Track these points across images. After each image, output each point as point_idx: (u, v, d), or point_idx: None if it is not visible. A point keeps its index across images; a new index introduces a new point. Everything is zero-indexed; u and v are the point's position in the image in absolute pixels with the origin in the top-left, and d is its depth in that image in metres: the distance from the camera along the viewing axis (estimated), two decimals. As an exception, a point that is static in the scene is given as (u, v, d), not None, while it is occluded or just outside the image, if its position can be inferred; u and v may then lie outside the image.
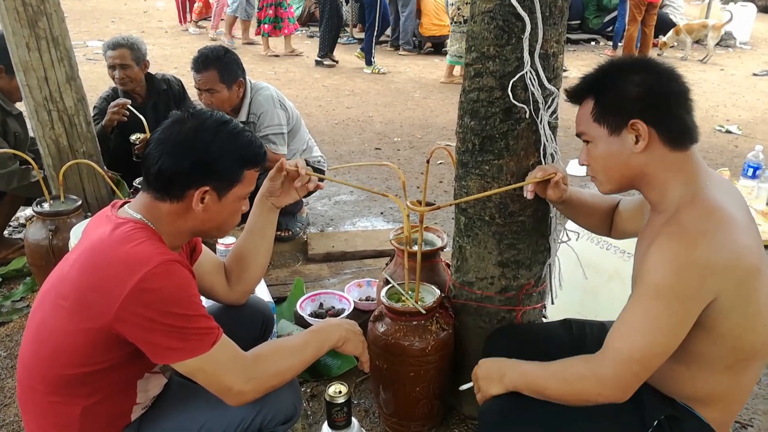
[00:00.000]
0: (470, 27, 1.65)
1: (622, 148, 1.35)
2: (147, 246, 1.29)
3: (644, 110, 1.31)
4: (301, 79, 7.46)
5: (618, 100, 1.34)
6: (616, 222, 1.69)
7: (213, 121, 1.40)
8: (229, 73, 2.91)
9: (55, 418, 1.36)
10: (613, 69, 1.39)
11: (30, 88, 2.63)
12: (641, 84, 1.32)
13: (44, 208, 2.56)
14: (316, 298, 2.49)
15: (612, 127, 1.35)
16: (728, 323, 1.25)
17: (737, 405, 1.40)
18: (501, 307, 1.83)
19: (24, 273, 2.87)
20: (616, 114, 1.34)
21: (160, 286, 1.24)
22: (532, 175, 1.61)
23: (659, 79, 1.33)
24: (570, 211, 1.71)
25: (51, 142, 2.73)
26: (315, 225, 3.64)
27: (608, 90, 1.36)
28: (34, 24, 2.54)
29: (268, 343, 1.53)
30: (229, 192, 1.41)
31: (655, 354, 1.26)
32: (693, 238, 1.21)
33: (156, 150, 1.35)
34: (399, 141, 5.33)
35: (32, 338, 1.36)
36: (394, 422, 1.95)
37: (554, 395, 1.39)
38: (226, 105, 2.96)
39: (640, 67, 1.36)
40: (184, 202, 1.38)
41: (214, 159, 1.37)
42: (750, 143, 5.20)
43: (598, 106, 1.37)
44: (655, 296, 1.23)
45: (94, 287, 1.26)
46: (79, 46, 8.63)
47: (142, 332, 1.26)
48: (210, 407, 1.45)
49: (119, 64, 3.13)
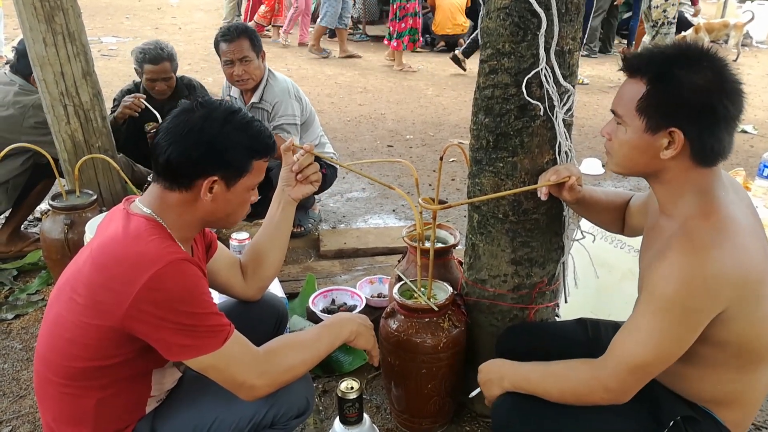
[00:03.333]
0: (485, 23, 1.64)
1: (650, 146, 1.28)
2: (156, 244, 1.29)
3: (691, 121, 1.23)
4: (313, 76, 7.46)
5: (670, 101, 1.23)
6: (628, 219, 1.68)
7: (222, 110, 1.39)
8: (257, 42, 3.01)
9: (70, 410, 1.37)
10: (680, 57, 1.24)
11: (46, 83, 2.65)
12: (701, 91, 1.21)
13: (60, 202, 2.59)
14: (328, 294, 2.50)
15: (650, 125, 1.26)
16: (734, 330, 1.24)
17: (753, 406, 1.38)
18: (514, 305, 1.83)
19: (39, 266, 2.90)
20: (662, 115, 1.24)
21: (169, 286, 1.25)
22: (545, 177, 1.60)
23: (721, 90, 1.21)
24: (583, 210, 1.70)
25: (67, 136, 2.76)
26: (327, 222, 3.64)
27: (665, 84, 1.24)
28: (51, 19, 2.56)
29: (281, 337, 1.53)
30: (238, 182, 1.41)
31: (659, 362, 1.27)
32: (706, 253, 1.19)
33: (165, 139, 1.35)
34: (411, 138, 5.32)
35: (48, 331, 1.37)
36: (405, 419, 1.95)
37: (555, 396, 1.41)
38: (257, 74, 3.03)
39: (710, 65, 1.22)
40: (192, 191, 1.38)
41: (224, 149, 1.36)
42: (766, 143, 5.15)
43: (647, 98, 1.25)
44: (665, 309, 1.22)
45: (104, 285, 1.27)
46: (93, 42, 8.70)
47: (153, 330, 1.27)
48: (223, 401, 1.45)
49: (163, 78, 3.21)
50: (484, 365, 1.57)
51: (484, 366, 1.57)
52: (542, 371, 1.45)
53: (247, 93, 3.13)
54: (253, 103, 3.09)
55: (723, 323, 1.22)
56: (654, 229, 1.38)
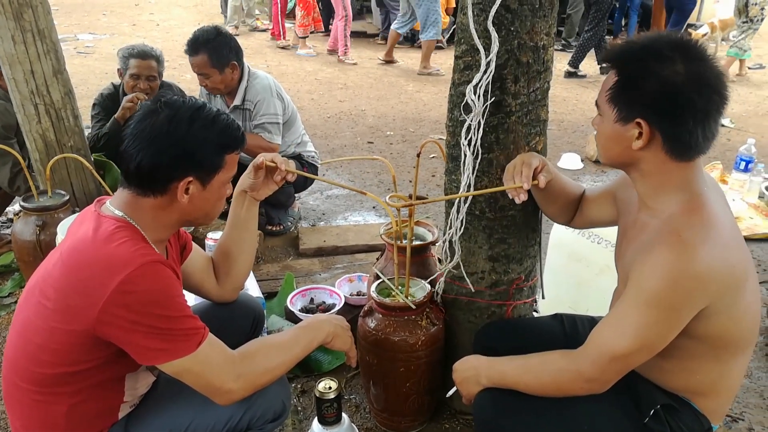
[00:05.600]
0: (460, 19, 1.63)
1: (621, 137, 1.28)
2: (128, 246, 1.26)
3: (656, 113, 1.22)
4: (294, 73, 7.41)
5: (634, 90, 1.24)
6: (585, 210, 1.66)
7: (186, 109, 1.35)
8: (219, 57, 2.90)
9: (40, 416, 1.34)
10: (651, 48, 1.23)
11: (16, 81, 2.59)
12: (666, 82, 1.20)
13: (31, 203, 2.54)
14: (307, 293, 2.48)
15: (620, 116, 1.27)
16: (715, 324, 1.25)
17: (729, 394, 1.40)
18: (491, 301, 1.82)
19: (12, 269, 2.85)
20: (628, 105, 1.25)
21: (141, 288, 1.22)
22: (512, 175, 1.53)
23: (691, 82, 1.19)
24: (546, 195, 1.64)
25: (38, 136, 2.70)
26: (307, 219, 3.62)
27: (632, 73, 1.24)
28: (20, 16, 2.50)
29: (257, 340, 1.51)
30: (213, 179, 1.39)
31: (640, 354, 1.28)
32: (694, 250, 1.18)
33: (132, 146, 1.32)
34: (392, 135, 5.31)
35: (17, 336, 1.34)
36: (384, 418, 1.94)
37: (535, 389, 1.41)
38: (220, 87, 2.98)
39: (683, 57, 1.20)
40: (167, 195, 1.35)
41: (194, 149, 1.34)
42: (742, 136, 5.20)
43: (616, 87, 1.27)
44: (650, 303, 1.22)
45: (75, 289, 1.24)
46: (69, 39, 8.57)
47: (126, 334, 1.24)
48: (198, 405, 1.43)
49: (147, 76, 3.11)
50: (459, 364, 1.57)
51: (459, 365, 1.56)
52: (519, 365, 1.45)
53: (228, 96, 3.09)
54: (235, 105, 3.05)
55: (705, 318, 1.23)
56: (635, 224, 1.38)
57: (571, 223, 1.72)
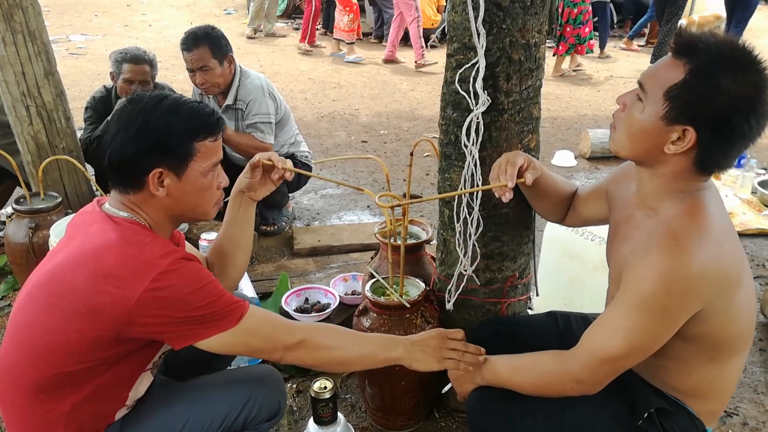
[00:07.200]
0: (451, 17, 1.63)
1: (658, 135, 1.21)
2: (152, 246, 1.28)
3: (710, 127, 1.17)
4: (287, 72, 7.40)
5: (700, 99, 1.16)
6: (578, 208, 1.66)
7: (151, 98, 1.34)
8: (219, 48, 2.91)
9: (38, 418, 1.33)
10: (730, 58, 1.15)
11: (7, 83, 2.58)
12: (735, 105, 1.14)
13: (24, 205, 2.52)
14: (302, 293, 2.47)
15: (669, 115, 1.19)
16: (709, 326, 1.25)
17: (724, 396, 1.40)
18: (486, 299, 1.82)
19: (5, 272, 2.83)
20: (685, 109, 1.17)
21: (173, 283, 1.24)
22: (499, 173, 1.52)
23: (754, 107, 1.14)
24: (535, 192, 1.63)
25: (30, 138, 2.69)
26: (301, 219, 3.62)
27: (704, 80, 1.15)
28: (10, 18, 2.49)
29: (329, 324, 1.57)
30: (187, 169, 1.34)
31: (632, 356, 1.28)
32: (690, 254, 1.17)
33: (106, 145, 1.32)
34: (386, 134, 5.31)
35: (18, 338, 1.33)
36: (380, 417, 1.94)
37: (527, 389, 1.42)
38: (220, 81, 2.95)
39: (756, 76, 1.14)
40: (145, 190, 1.33)
41: (157, 137, 1.30)
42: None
43: (681, 87, 1.17)
44: (644, 306, 1.21)
45: (99, 291, 1.23)
46: (61, 40, 8.54)
47: (159, 327, 1.27)
48: (193, 405, 1.43)
49: (140, 80, 3.08)
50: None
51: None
52: (513, 365, 1.46)
53: (220, 96, 3.08)
54: (227, 105, 3.04)
55: (699, 320, 1.22)
56: (629, 220, 1.36)
57: (564, 222, 1.71)
